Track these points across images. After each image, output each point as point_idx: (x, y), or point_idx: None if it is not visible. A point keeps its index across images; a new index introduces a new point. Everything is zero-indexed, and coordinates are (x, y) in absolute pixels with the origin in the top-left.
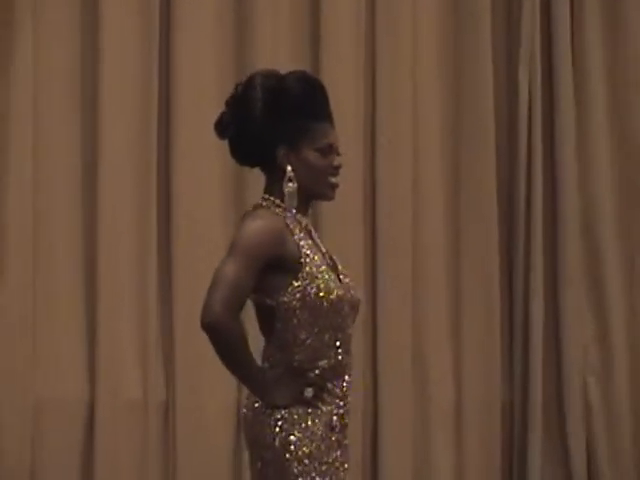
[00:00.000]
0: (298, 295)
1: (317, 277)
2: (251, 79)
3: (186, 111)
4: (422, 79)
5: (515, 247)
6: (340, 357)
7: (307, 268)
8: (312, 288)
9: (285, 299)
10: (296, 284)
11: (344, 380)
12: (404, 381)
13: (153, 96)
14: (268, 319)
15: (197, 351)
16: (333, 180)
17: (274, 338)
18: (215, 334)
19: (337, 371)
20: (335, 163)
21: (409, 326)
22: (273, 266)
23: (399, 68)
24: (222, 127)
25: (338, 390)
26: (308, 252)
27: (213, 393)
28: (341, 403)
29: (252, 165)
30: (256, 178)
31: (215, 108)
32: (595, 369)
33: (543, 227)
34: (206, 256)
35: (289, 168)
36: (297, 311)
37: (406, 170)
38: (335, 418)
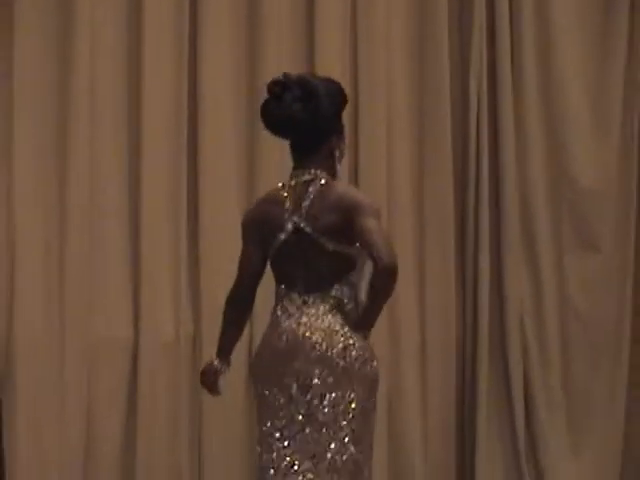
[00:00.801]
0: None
1: None
2: (313, 84)
3: (210, 103)
4: (395, 90)
5: (467, 220)
6: None
7: None
8: None
9: (358, 249)
10: None
11: None
12: (379, 324)
13: (184, 91)
14: (343, 265)
15: (218, 294)
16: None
17: (347, 280)
18: (395, 275)
19: None
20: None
21: None
22: None
23: (376, 76)
24: (294, 120)
25: None
26: None
27: None
28: None
29: (306, 148)
30: (264, 158)
31: (232, 97)
32: (530, 311)
33: (489, 203)
34: (225, 218)
35: (337, 152)
36: (361, 259)
37: (381, 162)
38: None
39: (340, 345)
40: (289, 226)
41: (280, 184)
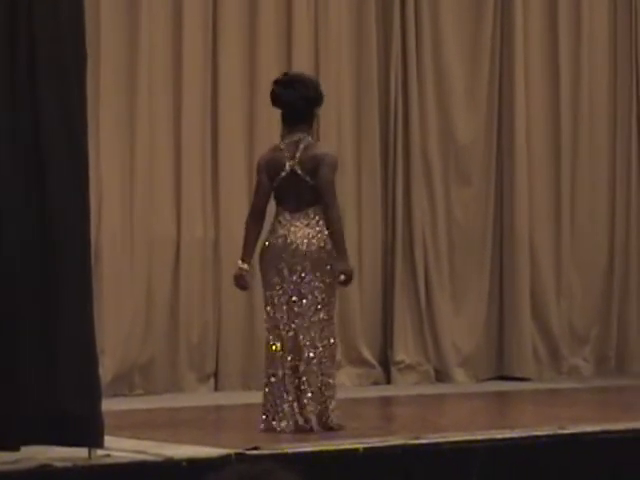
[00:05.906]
0: None
1: None
2: (306, 80)
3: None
4: (342, 78)
5: (387, 165)
6: None
7: None
8: None
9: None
10: None
11: None
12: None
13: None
14: (318, 194)
15: (229, 211)
16: None
17: (319, 204)
18: (336, 214)
19: None
20: None
21: None
22: None
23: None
24: (291, 100)
25: None
26: None
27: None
28: None
29: (296, 120)
30: (260, 124)
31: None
32: (428, 224)
33: (402, 154)
34: (235, 162)
35: (314, 124)
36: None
37: (332, 126)
38: None
39: (314, 246)
40: (287, 167)
41: (279, 143)
